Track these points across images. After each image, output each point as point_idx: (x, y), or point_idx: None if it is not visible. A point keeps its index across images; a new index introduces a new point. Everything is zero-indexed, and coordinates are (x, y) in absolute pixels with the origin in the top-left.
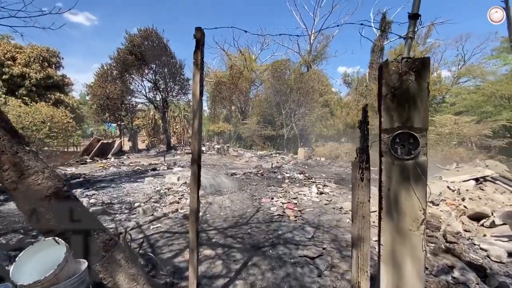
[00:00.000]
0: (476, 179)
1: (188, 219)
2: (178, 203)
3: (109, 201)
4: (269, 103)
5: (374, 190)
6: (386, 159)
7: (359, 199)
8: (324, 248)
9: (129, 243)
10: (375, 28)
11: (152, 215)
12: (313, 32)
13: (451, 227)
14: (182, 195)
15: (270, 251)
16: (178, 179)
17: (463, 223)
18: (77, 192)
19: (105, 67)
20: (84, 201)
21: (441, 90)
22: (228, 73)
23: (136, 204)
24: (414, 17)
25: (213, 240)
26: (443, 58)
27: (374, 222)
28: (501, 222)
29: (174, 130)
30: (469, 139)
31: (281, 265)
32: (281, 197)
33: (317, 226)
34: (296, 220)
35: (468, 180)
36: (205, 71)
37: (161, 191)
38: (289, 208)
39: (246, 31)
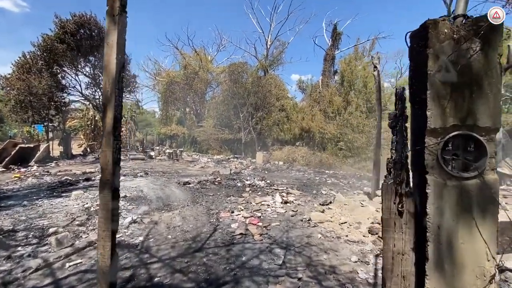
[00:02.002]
0: None
1: (122, 250)
2: None
3: (11, 227)
4: (226, 106)
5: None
6: (433, 178)
7: (396, 247)
8: (299, 279)
9: None
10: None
11: (72, 245)
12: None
13: None
14: (119, 212)
15: None
16: None
17: None
18: None
19: (28, 56)
20: None
21: (385, 98)
22: (182, 73)
23: (51, 230)
24: None
25: (156, 279)
26: (384, 69)
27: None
28: None
29: (119, 132)
30: None
31: None
32: (242, 210)
33: (287, 246)
34: (262, 240)
35: None
36: (156, 70)
37: (91, 209)
38: (253, 224)
39: None
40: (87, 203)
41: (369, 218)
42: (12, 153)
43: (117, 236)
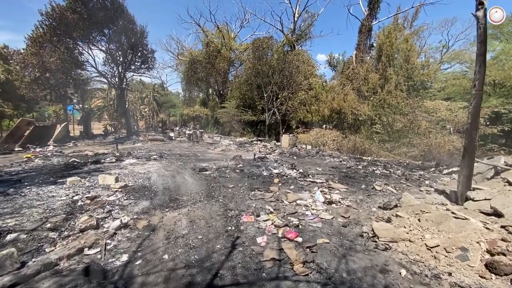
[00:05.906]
0: None
1: (89, 283)
2: (95, 229)
3: None
4: (249, 86)
5: None
6: None
7: None
8: None
9: None
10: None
11: (20, 267)
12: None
13: None
14: (110, 211)
15: None
16: (117, 180)
17: None
18: None
19: (42, 29)
20: None
21: (430, 75)
22: (205, 51)
23: (8, 238)
24: None
25: None
26: (427, 43)
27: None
28: None
29: (143, 113)
30: (462, 127)
31: None
32: (271, 213)
33: None
34: (307, 274)
35: None
36: (178, 49)
37: (78, 203)
38: (289, 239)
39: None
40: (78, 194)
41: (478, 241)
42: (27, 132)
43: (92, 253)
